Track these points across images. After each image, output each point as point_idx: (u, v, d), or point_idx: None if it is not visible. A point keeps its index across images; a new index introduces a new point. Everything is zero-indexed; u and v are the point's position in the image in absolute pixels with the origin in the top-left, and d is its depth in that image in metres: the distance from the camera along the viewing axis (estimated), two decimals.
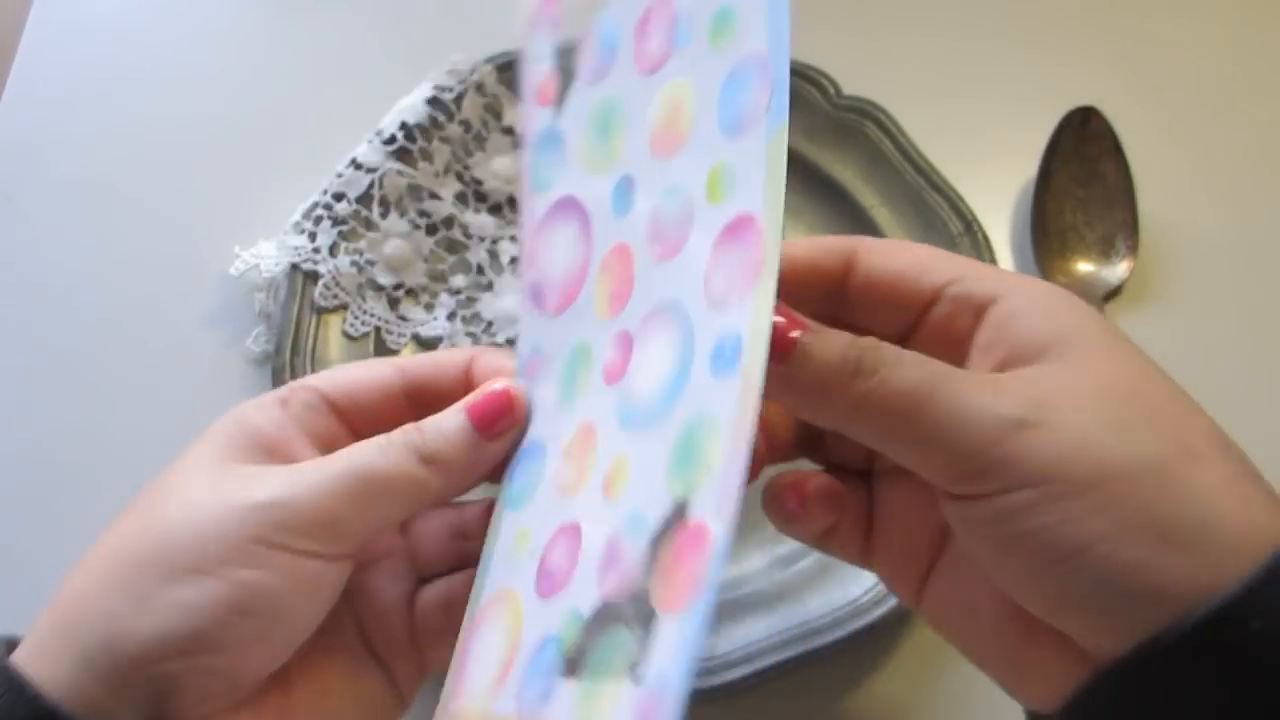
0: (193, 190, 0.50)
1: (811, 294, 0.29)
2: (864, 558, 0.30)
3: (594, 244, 0.29)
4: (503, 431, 0.29)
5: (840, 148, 0.49)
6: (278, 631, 0.26)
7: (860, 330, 0.26)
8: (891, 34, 0.55)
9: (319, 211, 0.46)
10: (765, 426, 0.30)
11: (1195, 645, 0.22)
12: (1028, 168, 0.50)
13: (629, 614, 0.23)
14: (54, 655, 0.25)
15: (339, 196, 0.46)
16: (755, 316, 0.23)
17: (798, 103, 0.50)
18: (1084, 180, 0.49)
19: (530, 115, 0.31)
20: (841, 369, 0.24)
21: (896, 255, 0.29)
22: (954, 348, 0.27)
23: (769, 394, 0.23)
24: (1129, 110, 0.50)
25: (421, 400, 0.30)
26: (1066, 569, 0.23)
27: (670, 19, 0.27)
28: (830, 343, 0.25)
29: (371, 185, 0.46)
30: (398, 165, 0.47)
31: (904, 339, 0.28)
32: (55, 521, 0.40)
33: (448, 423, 0.28)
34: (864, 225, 0.48)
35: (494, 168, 0.49)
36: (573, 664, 0.24)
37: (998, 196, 0.51)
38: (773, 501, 0.30)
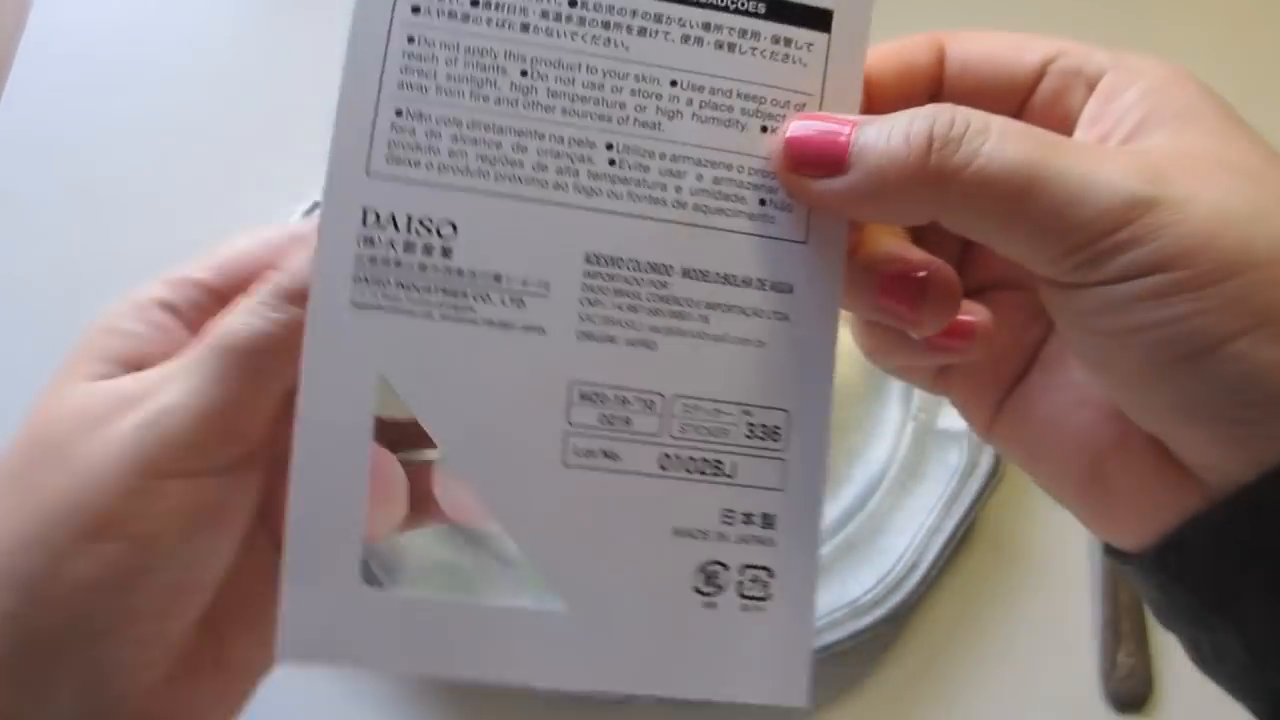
0: (192, 190, 0.50)
1: (909, 99, 0.25)
2: (937, 383, 0.27)
3: None
4: None
5: None
6: (191, 582, 0.23)
7: None
8: (891, 34, 0.55)
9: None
10: None
11: None
12: None
13: None
14: None
15: None
16: None
17: None
18: None
19: None
20: (914, 143, 0.21)
21: (988, 38, 0.26)
22: (1061, 125, 0.24)
23: (839, 210, 0.23)
24: None
25: None
26: (1193, 369, 0.20)
27: None
28: (891, 126, 0.22)
29: None
30: None
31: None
32: None
33: (297, 249, 0.24)
34: None
35: None
36: None
37: None
38: (880, 292, 0.24)
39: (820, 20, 0.24)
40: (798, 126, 0.23)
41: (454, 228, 0.22)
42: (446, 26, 0.22)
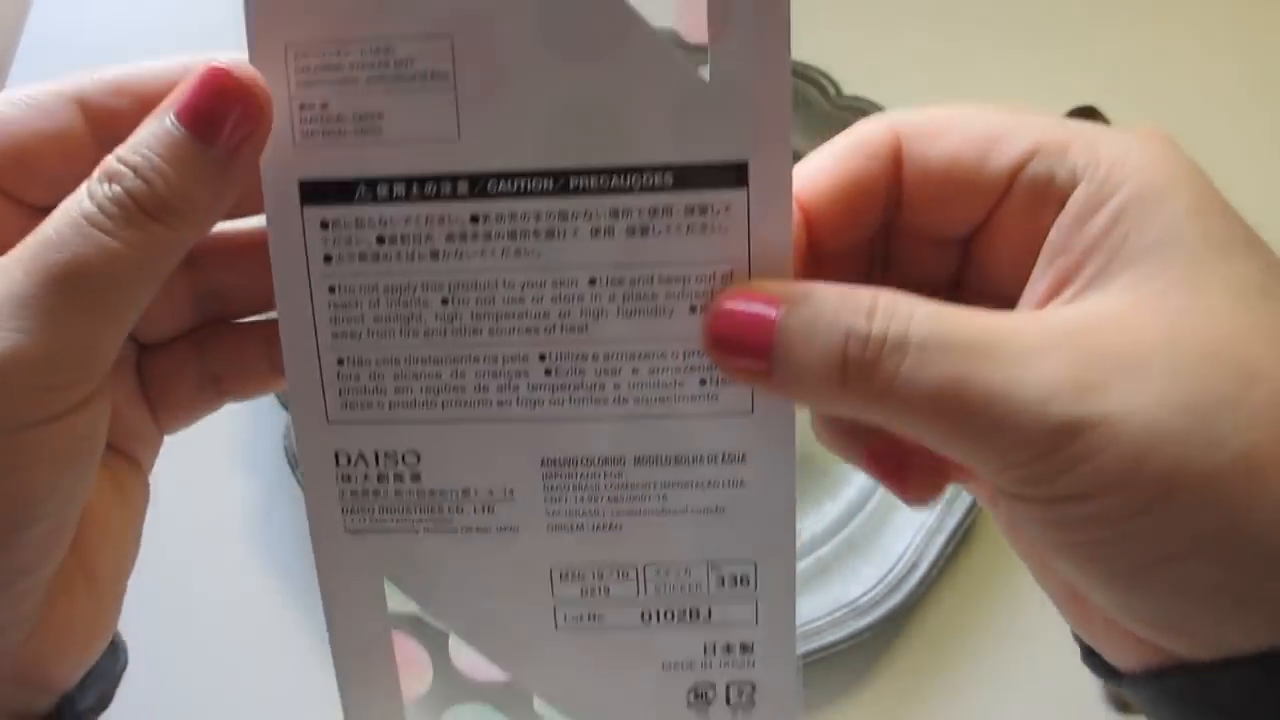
0: None
1: (863, 219, 0.23)
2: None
3: None
4: (240, 130, 0.20)
5: None
6: (63, 522, 0.21)
7: (926, 237, 0.23)
8: (891, 34, 0.55)
9: None
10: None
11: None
12: None
13: None
14: None
15: None
16: None
17: (798, 103, 0.50)
18: None
19: None
20: (830, 363, 0.20)
21: (951, 136, 0.22)
22: (1025, 243, 0.22)
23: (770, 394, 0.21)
24: (1129, 110, 0.50)
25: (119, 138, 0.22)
26: (1137, 587, 0.19)
27: None
28: (813, 323, 0.20)
29: None
30: None
31: (977, 234, 0.23)
32: None
33: (152, 141, 0.20)
34: None
35: None
36: None
37: None
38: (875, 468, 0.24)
39: (735, 176, 0.22)
40: (720, 311, 0.21)
41: (417, 456, 0.23)
42: (360, 270, 0.22)
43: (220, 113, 0.20)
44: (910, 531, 0.41)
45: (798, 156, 0.54)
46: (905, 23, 0.56)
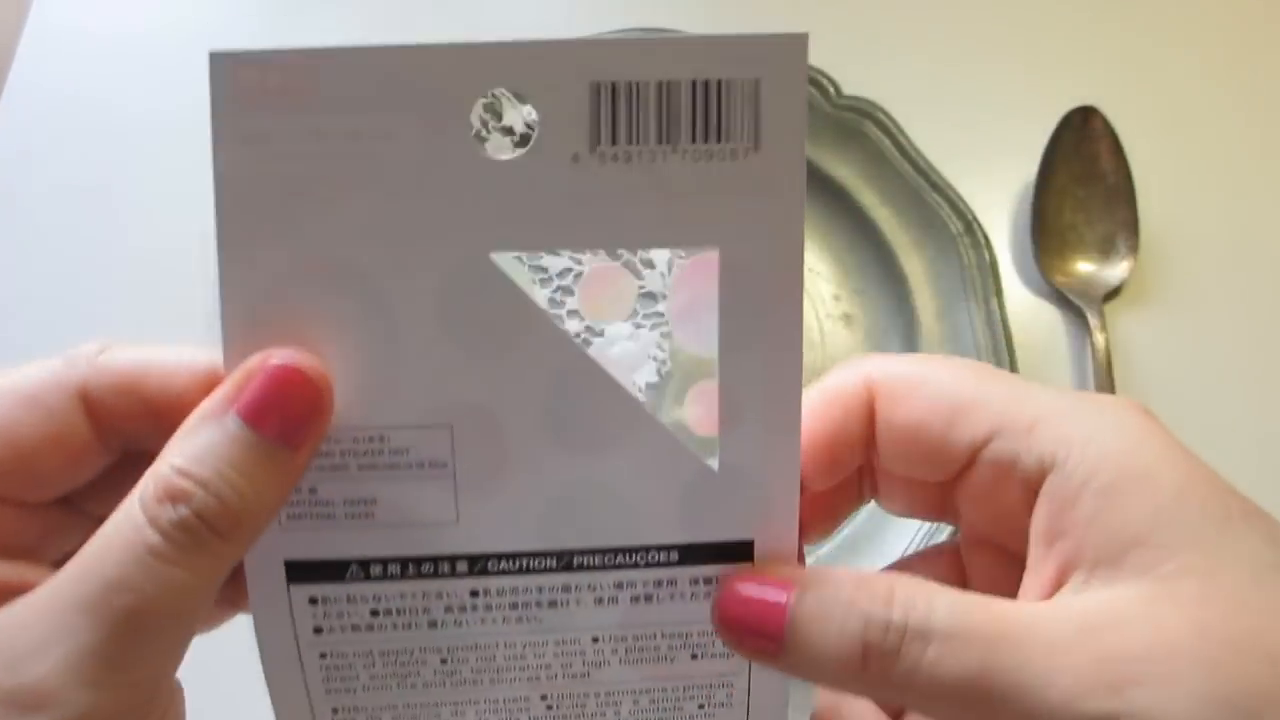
0: (192, 192, 0.50)
1: (844, 464, 0.23)
2: None
3: None
4: (308, 428, 0.20)
5: (840, 148, 0.49)
6: None
7: (901, 482, 0.23)
8: (891, 34, 0.55)
9: None
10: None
11: None
12: (1028, 168, 0.50)
13: None
14: None
15: None
16: None
17: None
18: (1084, 180, 0.49)
19: None
20: (850, 652, 0.19)
21: (916, 397, 0.22)
22: (1005, 525, 0.22)
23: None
24: (1129, 110, 0.50)
25: (124, 440, 0.21)
26: None
27: None
28: (829, 611, 0.20)
29: None
30: None
31: (953, 484, 0.23)
32: None
33: (218, 449, 0.19)
34: (864, 225, 0.48)
35: None
36: None
37: (998, 196, 0.51)
38: None
39: (741, 552, 0.21)
40: (729, 594, 0.21)
41: None
42: (353, 639, 0.22)
43: (291, 413, 0.19)
44: (910, 531, 0.41)
45: None
46: (905, 23, 0.56)
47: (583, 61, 0.19)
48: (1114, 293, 0.48)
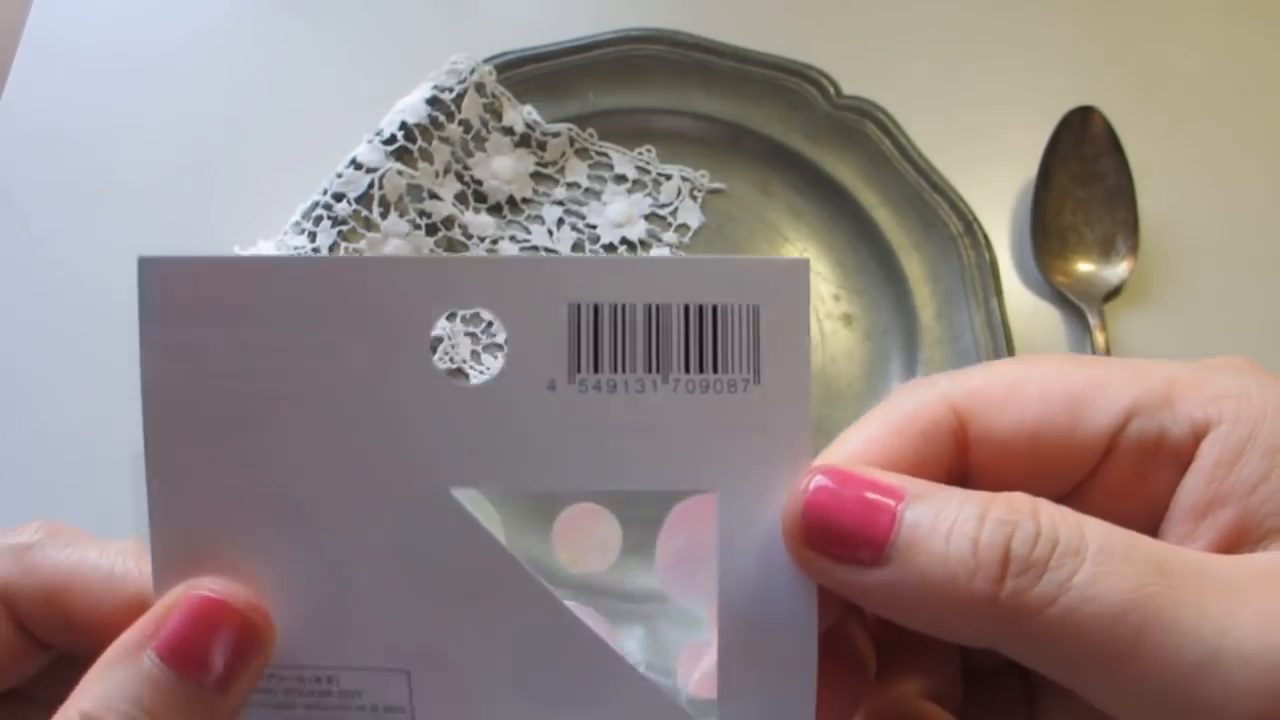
0: (192, 190, 0.50)
1: None
2: None
3: None
4: (238, 662, 0.18)
5: (840, 148, 0.49)
6: None
7: None
8: (891, 34, 0.55)
9: (319, 211, 0.46)
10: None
11: None
12: (1028, 168, 0.50)
13: None
14: None
15: (339, 196, 0.46)
16: None
17: (797, 103, 0.50)
18: (1084, 180, 0.49)
19: None
20: (984, 557, 0.16)
21: (1020, 400, 0.19)
22: (1143, 512, 0.18)
23: (867, 607, 0.18)
24: (1129, 110, 0.50)
25: (49, 637, 0.20)
26: None
27: None
28: (951, 516, 0.16)
29: (371, 185, 0.46)
30: (398, 165, 0.47)
31: (1074, 497, 0.19)
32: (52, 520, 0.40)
33: (131, 688, 0.17)
34: (864, 225, 0.48)
35: (494, 168, 0.49)
36: None
37: (998, 196, 0.51)
38: None
39: None
40: (823, 486, 0.17)
41: None
42: None
43: (216, 649, 0.17)
44: None
45: (798, 156, 0.54)
46: (905, 23, 0.56)
47: (561, 280, 0.17)
48: (1114, 293, 0.48)
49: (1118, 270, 0.48)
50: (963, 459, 0.19)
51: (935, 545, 0.16)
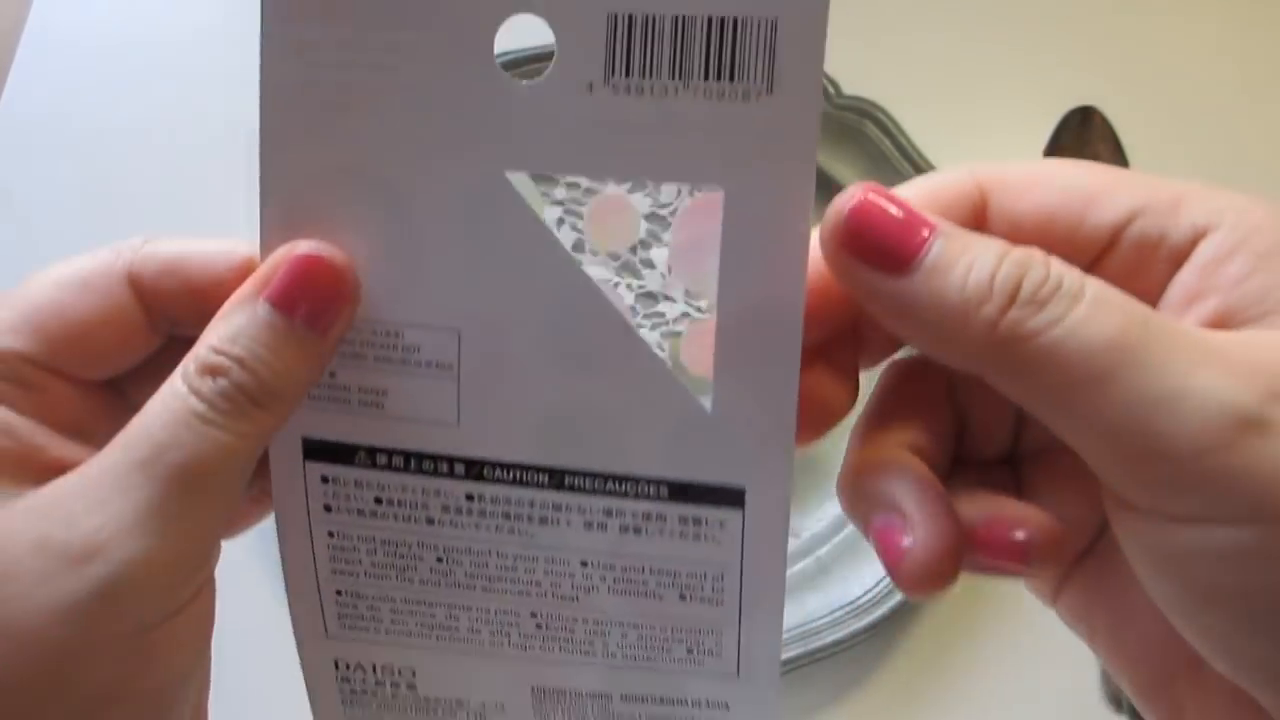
0: (192, 190, 0.50)
1: None
2: None
3: None
4: (333, 313, 0.20)
5: (840, 148, 0.49)
6: (200, 700, 0.22)
7: None
8: (891, 34, 0.55)
9: None
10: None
11: None
12: None
13: None
14: None
15: None
16: None
17: None
18: None
19: None
20: (1000, 287, 0.18)
21: (1040, 189, 0.20)
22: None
23: (881, 314, 0.19)
24: (1129, 110, 0.50)
25: (173, 322, 0.22)
26: (1273, 641, 0.17)
27: None
28: (974, 251, 0.18)
29: None
30: None
31: None
32: None
33: (249, 329, 0.20)
34: None
35: None
36: None
37: None
38: (984, 559, 0.20)
39: (732, 498, 0.22)
40: (866, 201, 0.19)
41: (413, 672, 0.24)
42: (358, 523, 0.23)
43: (315, 298, 0.20)
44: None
45: None
46: (905, 22, 0.56)
47: None
48: None
49: None
50: (979, 229, 0.20)
51: (958, 270, 0.18)
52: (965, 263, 0.18)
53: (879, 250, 0.19)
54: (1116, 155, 0.49)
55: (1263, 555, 0.16)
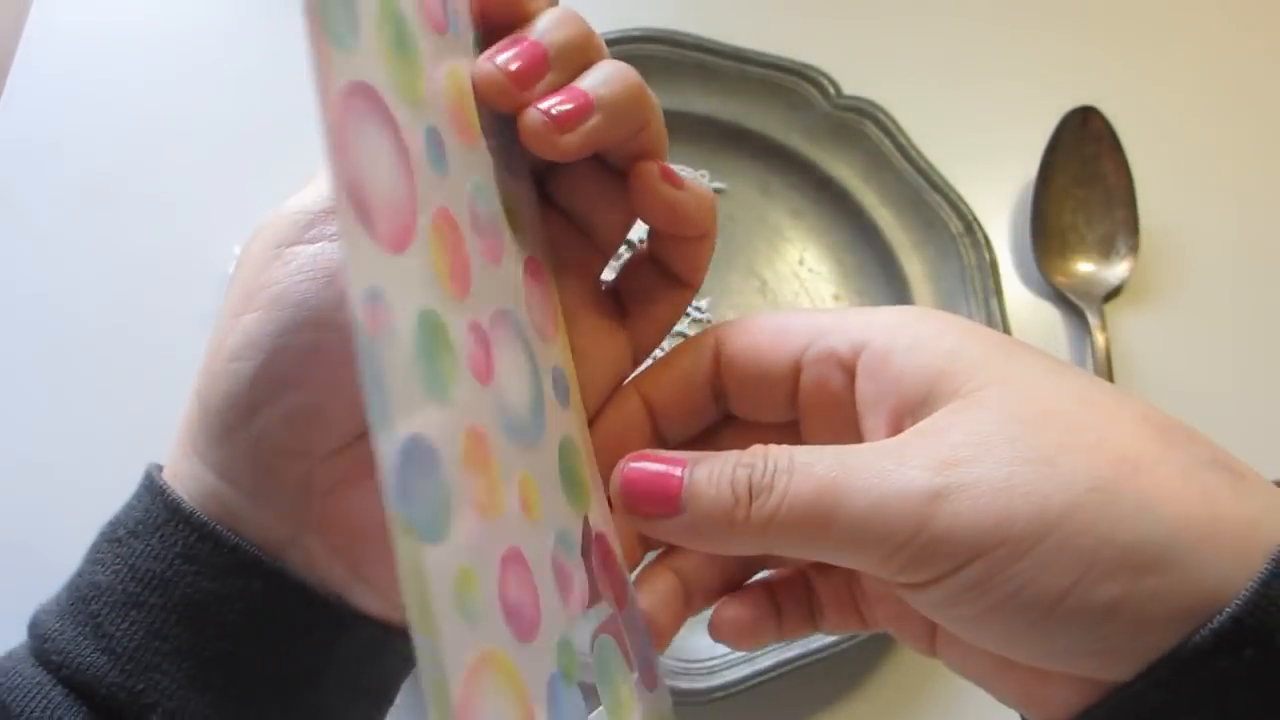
0: (192, 190, 0.50)
1: (697, 408, 0.27)
2: (868, 625, 0.28)
3: (416, 184, 0.22)
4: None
5: (840, 148, 0.49)
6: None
7: (760, 429, 0.26)
8: (891, 34, 0.55)
9: None
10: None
11: (1201, 665, 0.20)
12: (1028, 168, 0.50)
13: (602, 626, 0.25)
14: (187, 467, 0.25)
15: None
16: (568, 364, 0.26)
17: (798, 103, 0.50)
18: (1084, 180, 0.49)
19: None
20: (738, 494, 0.23)
21: (750, 332, 0.26)
22: (838, 416, 0.25)
23: (677, 543, 0.24)
24: (1129, 110, 0.50)
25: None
26: (1046, 627, 0.21)
27: None
28: (717, 472, 0.23)
29: None
30: None
31: (802, 420, 0.26)
32: (54, 521, 0.40)
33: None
34: (864, 225, 0.48)
35: None
36: (589, 690, 0.23)
37: (998, 196, 0.51)
38: (721, 635, 0.27)
39: None
40: (633, 471, 0.24)
41: None
42: None
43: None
44: None
45: (798, 156, 0.54)
46: (905, 23, 0.56)
47: None
48: (1114, 293, 0.48)
49: (1118, 270, 0.48)
50: (718, 369, 0.27)
51: (708, 492, 0.23)
52: (713, 482, 0.23)
53: (651, 504, 0.24)
54: (1116, 155, 0.49)
55: (980, 585, 0.21)
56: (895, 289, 0.47)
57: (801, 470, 0.22)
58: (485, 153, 0.25)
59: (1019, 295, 0.48)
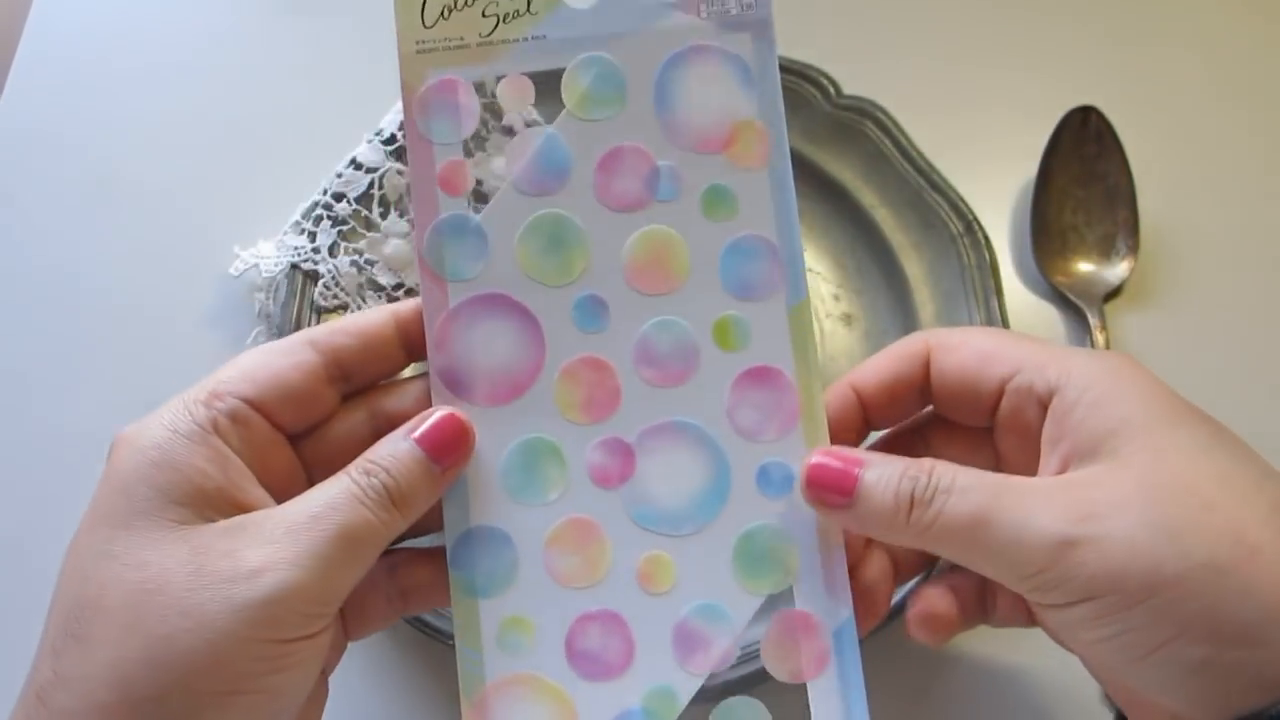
0: (192, 190, 0.50)
1: (903, 404, 0.31)
2: (1031, 624, 0.32)
3: (548, 349, 0.31)
4: (456, 464, 0.29)
5: (840, 148, 0.49)
6: (304, 705, 0.28)
7: (960, 428, 0.31)
8: (891, 34, 0.55)
9: (319, 211, 0.46)
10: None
11: None
12: (1028, 168, 0.50)
13: (744, 685, 0.32)
14: None
15: (339, 196, 0.46)
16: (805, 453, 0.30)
17: (798, 103, 0.50)
18: (1084, 180, 0.49)
19: (426, 197, 0.31)
20: (900, 502, 0.27)
21: (962, 350, 0.30)
22: (1027, 439, 0.29)
23: (848, 529, 0.29)
24: (1129, 110, 0.50)
25: (344, 377, 0.30)
26: (1139, 669, 0.25)
27: (648, 169, 0.31)
28: (886, 477, 0.27)
29: (371, 185, 0.46)
30: (398, 165, 0.47)
31: (994, 430, 0.31)
32: (54, 521, 0.40)
33: (404, 456, 0.28)
34: (864, 225, 0.48)
35: (494, 168, 0.49)
36: None
37: (998, 196, 0.51)
38: (919, 634, 0.32)
39: None
40: (816, 465, 0.29)
41: None
42: None
43: (450, 448, 0.29)
44: None
45: (798, 156, 0.54)
46: (905, 23, 0.56)
47: None
48: (1114, 293, 0.48)
49: (1118, 270, 0.48)
50: (927, 381, 0.31)
51: (876, 494, 0.28)
52: (881, 486, 0.28)
53: (832, 494, 0.29)
54: (1117, 155, 0.49)
55: (1099, 617, 0.25)
56: (895, 289, 0.47)
57: (959, 494, 0.26)
58: (689, 291, 0.31)
59: (1019, 295, 0.48)
